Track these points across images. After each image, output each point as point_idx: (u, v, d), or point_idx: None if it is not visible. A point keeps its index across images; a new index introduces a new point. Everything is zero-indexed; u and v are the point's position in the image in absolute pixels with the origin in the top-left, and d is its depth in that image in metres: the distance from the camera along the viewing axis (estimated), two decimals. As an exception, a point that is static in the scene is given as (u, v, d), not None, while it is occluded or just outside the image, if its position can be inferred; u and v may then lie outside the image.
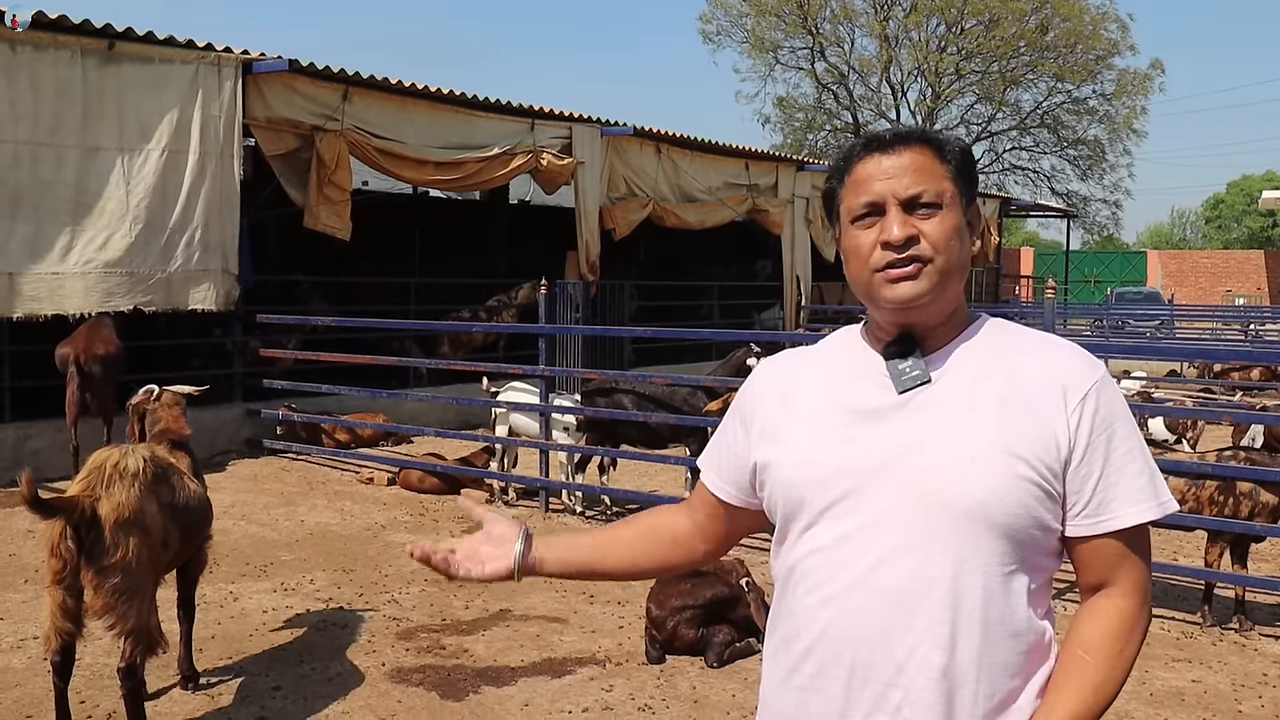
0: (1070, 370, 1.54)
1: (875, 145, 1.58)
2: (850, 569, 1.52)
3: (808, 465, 1.57)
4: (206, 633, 5.34)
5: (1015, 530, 1.49)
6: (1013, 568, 1.50)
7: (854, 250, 1.59)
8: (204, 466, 9.57)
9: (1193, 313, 26.13)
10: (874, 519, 1.52)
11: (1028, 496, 1.49)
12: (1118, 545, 1.53)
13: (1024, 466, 1.48)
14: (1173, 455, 6.35)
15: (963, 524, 1.48)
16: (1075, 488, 1.51)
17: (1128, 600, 1.54)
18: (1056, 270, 34.29)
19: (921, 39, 35.85)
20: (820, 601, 1.55)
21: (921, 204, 1.54)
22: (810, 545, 1.57)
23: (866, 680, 1.51)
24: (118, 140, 9.46)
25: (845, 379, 1.62)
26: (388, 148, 11.71)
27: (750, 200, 17.19)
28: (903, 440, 1.52)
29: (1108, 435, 1.51)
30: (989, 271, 25.55)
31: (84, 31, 9.18)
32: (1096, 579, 1.56)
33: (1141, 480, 1.52)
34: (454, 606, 5.85)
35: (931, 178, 1.55)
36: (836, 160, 1.66)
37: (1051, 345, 1.60)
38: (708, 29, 37.70)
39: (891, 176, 1.55)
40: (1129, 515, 1.51)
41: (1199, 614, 5.84)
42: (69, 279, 9.18)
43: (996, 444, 1.49)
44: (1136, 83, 36.12)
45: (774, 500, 1.64)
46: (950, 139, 1.61)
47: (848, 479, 1.54)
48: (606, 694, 4.69)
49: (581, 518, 8.06)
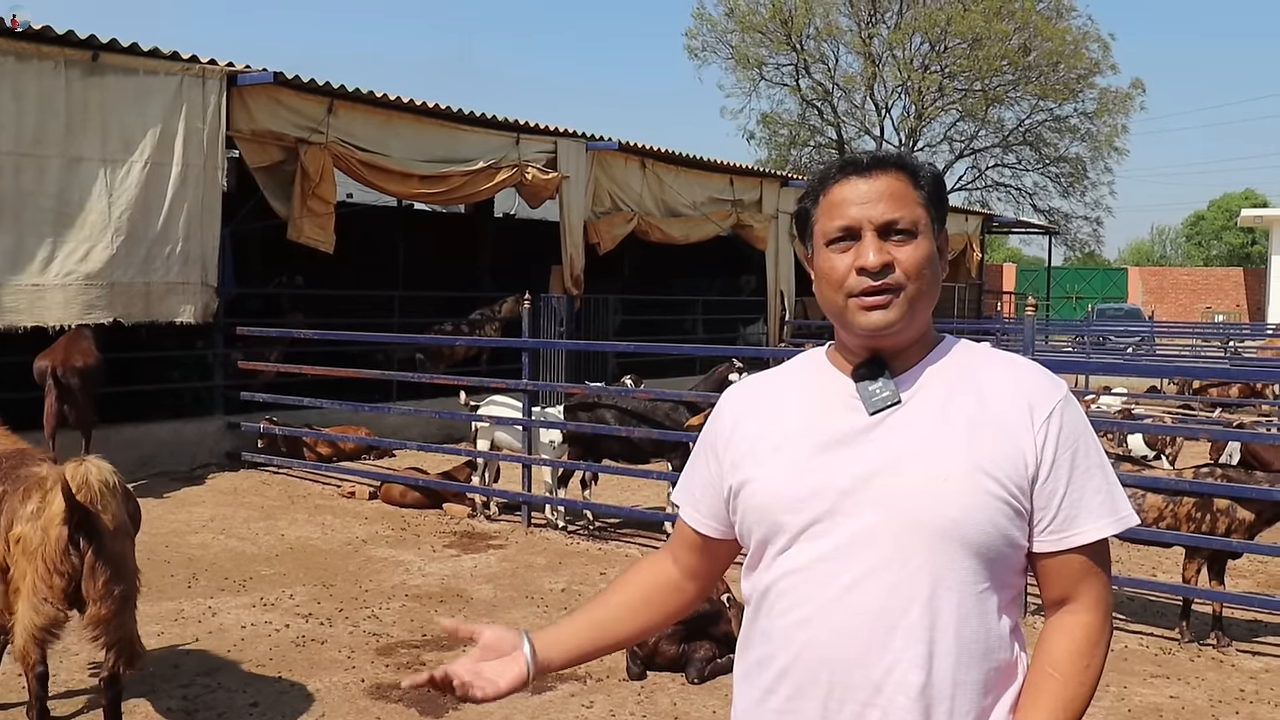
0: (1035, 389, 1.57)
1: (852, 168, 1.60)
2: (826, 589, 1.53)
3: (782, 489, 1.58)
4: (183, 648, 5.30)
5: (987, 548, 1.51)
6: (985, 585, 1.53)
7: (828, 273, 1.59)
8: (185, 480, 9.59)
9: (1173, 329, 26.32)
10: (850, 540, 1.53)
11: (998, 514, 1.51)
12: (1081, 560, 1.56)
13: (994, 484, 1.51)
14: (1151, 471, 6.38)
15: (938, 542, 1.50)
16: (1042, 504, 1.54)
17: (1091, 615, 1.57)
18: (1038, 286, 34.49)
19: (905, 57, 36.08)
20: (796, 622, 1.56)
21: (897, 230, 1.56)
22: (786, 567, 1.58)
23: (844, 701, 1.52)
24: (100, 151, 9.42)
25: (816, 402, 1.63)
26: (372, 160, 11.70)
27: (735, 215, 17.25)
28: (876, 461, 1.54)
29: (1071, 452, 1.54)
30: (971, 288, 25.68)
31: (68, 42, 9.15)
32: (1060, 594, 1.58)
33: (1101, 496, 1.56)
34: (434, 622, 5.82)
35: (906, 204, 1.57)
36: (811, 181, 1.67)
37: (1016, 365, 1.62)
38: (693, 45, 37.87)
39: (868, 201, 1.56)
40: (1092, 530, 1.55)
41: (1177, 630, 5.87)
42: (49, 290, 9.13)
43: (968, 462, 1.51)
44: (1118, 101, 36.47)
45: (748, 524, 1.64)
46: (923, 166, 1.63)
47: (822, 501, 1.55)
48: (587, 710, 4.68)
49: (564, 533, 8.04)
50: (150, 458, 9.81)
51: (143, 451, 9.76)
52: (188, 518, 8.18)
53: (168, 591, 6.27)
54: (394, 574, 6.78)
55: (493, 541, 7.74)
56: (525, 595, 6.39)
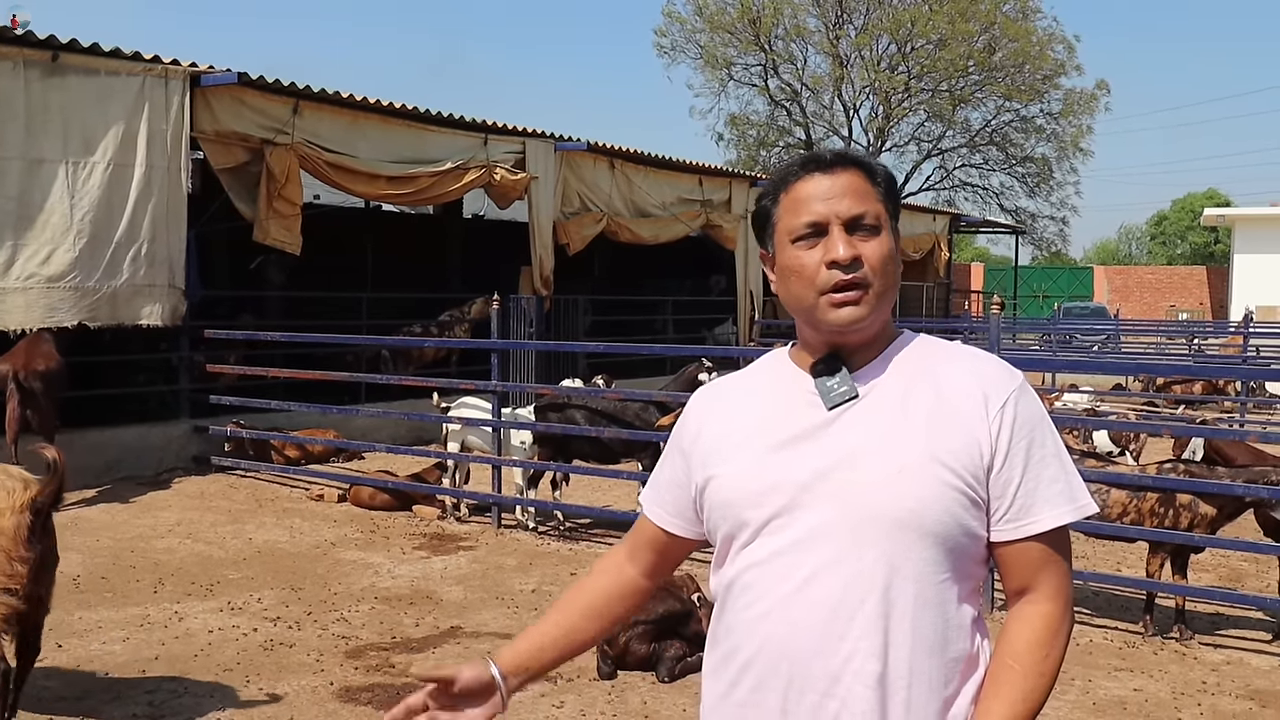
0: (991, 379, 1.59)
1: (814, 165, 1.61)
2: (785, 582, 1.55)
3: (743, 485, 1.61)
4: (150, 653, 5.25)
5: (944, 538, 1.53)
6: (944, 576, 1.55)
7: (796, 270, 1.60)
8: (150, 484, 9.49)
9: (1138, 327, 26.64)
10: (808, 533, 1.55)
11: (955, 505, 1.53)
12: (1040, 548, 1.58)
13: (950, 475, 1.53)
14: (1115, 468, 6.46)
15: (895, 534, 1.52)
16: (998, 493, 1.56)
17: (1051, 605, 1.59)
18: (1006, 285, 34.79)
19: (872, 58, 36.32)
20: (758, 616, 1.58)
21: (862, 225, 1.58)
22: (747, 561, 1.60)
23: (803, 692, 1.54)
24: (62, 153, 9.30)
25: (777, 399, 1.65)
26: (339, 161, 11.63)
27: (704, 216, 17.29)
28: (834, 455, 1.56)
29: (1027, 441, 1.56)
30: (939, 287, 25.87)
31: (27, 43, 9.03)
32: (1021, 584, 1.60)
33: (1059, 484, 1.57)
34: (404, 624, 5.81)
35: (868, 200, 1.60)
36: (771, 179, 1.68)
37: (972, 356, 1.65)
38: (662, 43, 37.94)
39: (833, 197, 1.58)
40: (1048, 518, 1.57)
41: (1141, 624, 5.95)
42: (10, 294, 9.01)
43: (924, 453, 1.53)
44: (1083, 102, 36.88)
45: (714, 520, 1.66)
46: (878, 164, 1.66)
47: (782, 495, 1.57)
48: (557, 710, 4.67)
49: (534, 534, 8.03)
50: (116, 462, 9.69)
51: (108, 456, 9.65)
52: (154, 522, 8.09)
53: (133, 597, 6.20)
54: (363, 576, 6.75)
55: (463, 543, 7.71)
56: (495, 596, 6.37)
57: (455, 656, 5.30)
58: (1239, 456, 8.58)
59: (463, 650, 5.40)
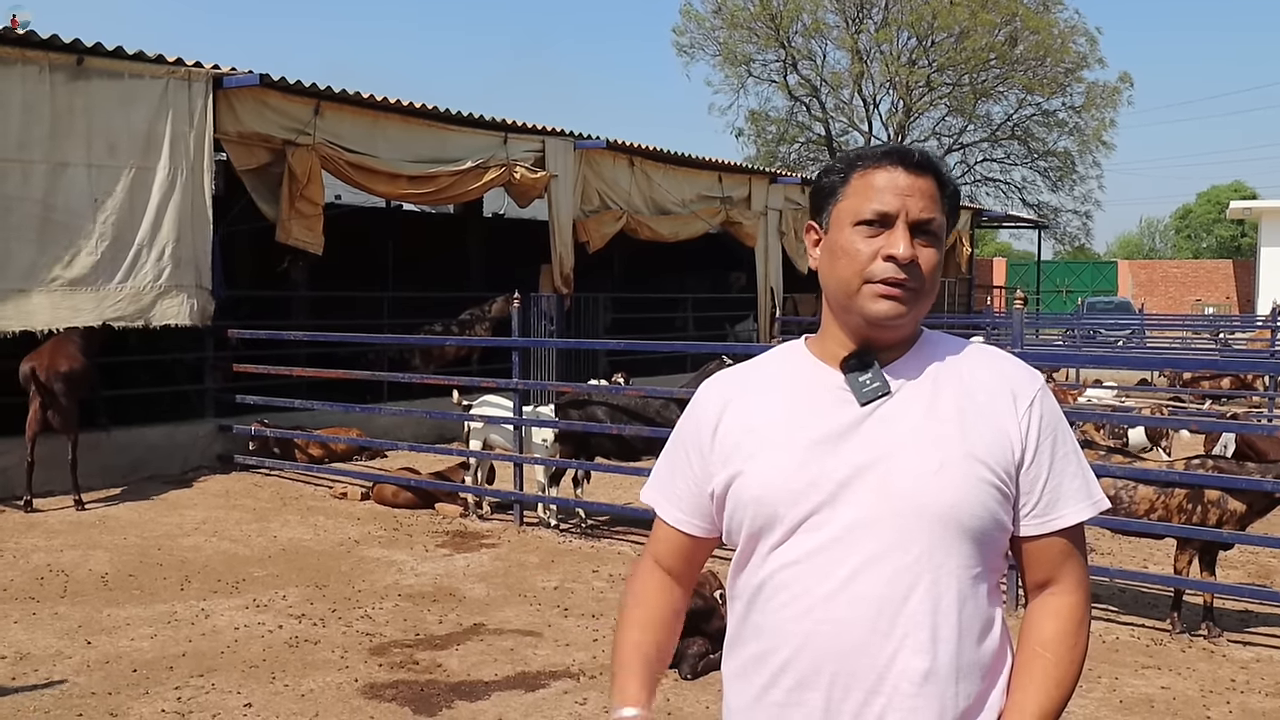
0: (1016, 378, 1.62)
1: (899, 158, 1.60)
2: (827, 580, 1.54)
3: (777, 481, 1.58)
4: (177, 650, 5.29)
5: (981, 532, 1.55)
6: (979, 569, 1.56)
7: (850, 253, 1.59)
8: (176, 483, 9.57)
9: (1163, 322, 26.41)
10: (848, 530, 1.54)
11: (990, 499, 1.55)
12: (1062, 543, 1.61)
13: (985, 470, 1.55)
14: (1143, 463, 6.40)
15: (937, 529, 1.52)
16: (1026, 489, 1.58)
17: (1074, 596, 1.62)
18: (1028, 281, 34.60)
19: (892, 52, 36.17)
20: (797, 614, 1.55)
21: (926, 230, 1.59)
22: (782, 560, 1.57)
23: (848, 690, 1.53)
24: (86, 156, 9.38)
25: (803, 394, 1.63)
26: (360, 162, 11.68)
27: (724, 213, 17.26)
28: (870, 452, 1.55)
29: (1052, 439, 1.60)
30: (961, 283, 25.74)
31: (52, 47, 9.11)
32: (1044, 577, 1.63)
33: (1079, 481, 1.61)
34: (428, 621, 5.83)
35: (938, 208, 1.61)
36: (848, 156, 1.65)
37: (994, 356, 1.67)
38: (681, 41, 37.92)
39: (910, 195, 1.58)
40: (1072, 514, 1.60)
41: (1168, 621, 5.90)
42: (35, 295, 9.10)
43: (960, 450, 1.54)
44: (1105, 95, 36.62)
45: (739, 519, 1.62)
46: (951, 178, 1.66)
47: (819, 492, 1.55)
48: (580, 707, 4.68)
49: (556, 531, 8.04)
50: (142, 461, 9.78)
51: (135, 455, 9.74)
52: (180, 520, 8.16)
53: (161, 594, 6.26)
54: (387, 574, 6.78)
55: (485, 541, 7.74)
56: (518, 594, 6.39)
57: (478, 653, 5.32)
58: (1273, 452, 8.50)
59: (486, 647, 5.41)
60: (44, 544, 7.38)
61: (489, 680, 4.97)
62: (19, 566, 6.80)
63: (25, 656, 5.17)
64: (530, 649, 5.41)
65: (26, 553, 7.14)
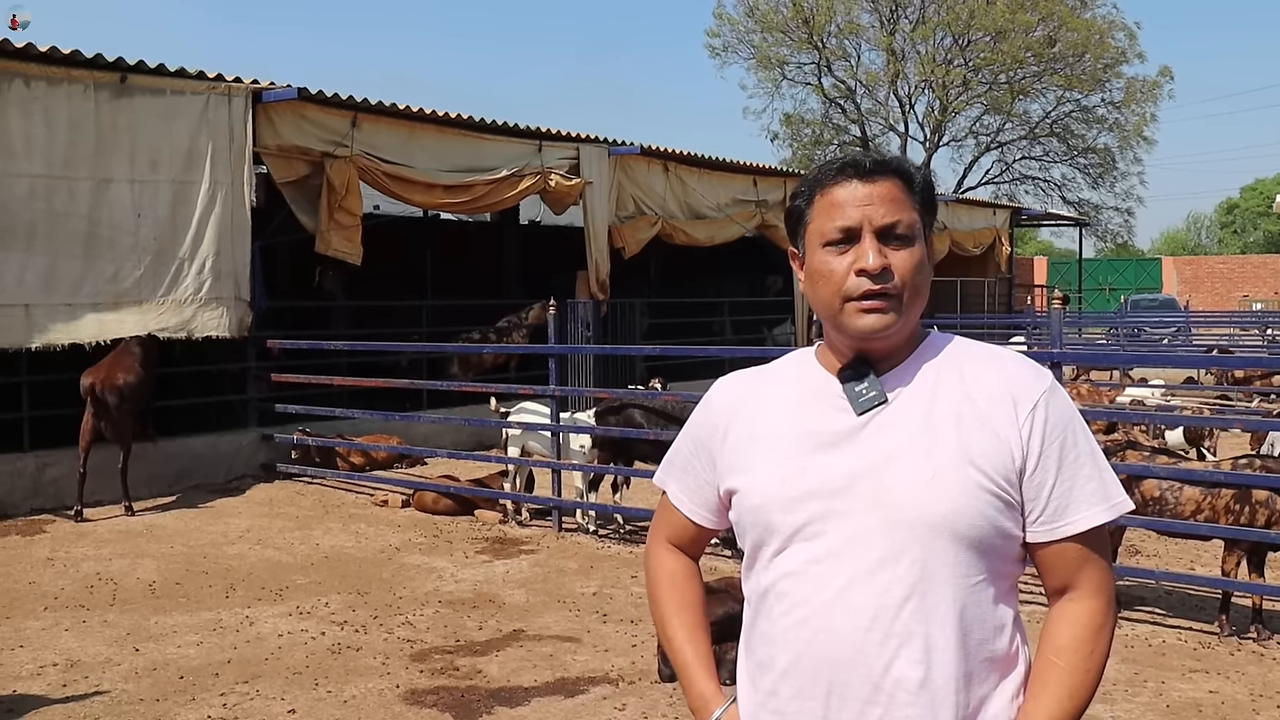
0: (1019, 382, 1.58)
1: (853, 170, 1.60)
2: (823, 590, 1.55)
3: (774, 492, 1.60)
4: (222, 657, 5.37)
5: (979, 541, 1.53)
6: (980, 577, 1.54)
7: (824, 275, 1.60)
8: (221, 492, 9.72)
9: (1209, 319, 25.99)
10: (843, 540, 1.55)
11: (988, 507, 1.53)
12: (1077, 548, 1.57)
13: (982, 478, 1.52)
14: (1188, 464, 6.30)
15: (929, 539, 1.52)
16: (1031, 495, 1.55)
17: (1093, 601, 1.58)
18: (1070, 279, 34.19)
19: (928, 52, 35.90)
20: (795, 623, 1.57)
21: (895, 235, 1.57)
22: (782, 569, 1.60)
23: (845, 699, 1.54)
24: (129, 171, 9.57)
25: (804, 404, 1.64)
26: (397, 172, 11.80)
27: (759, 216, 17.22)
28: (865, 461, 1.56)
29: (1060, 443, 1.56)
30: (1001, 282, 25.48)
31: (97, 65, 9.30)
32: (1061, 583, 1.60)
33: (1092, 484, 1.57)
34: (468, 628, 5.87)
35: (904, 209, 1.59)
36: (806, 179, 1.67)
37: (1000, 358, 1.63)
38: (714, 44, 37.90)
39: (869, 204, 1.57)
40: (1084, 519, 1.56)
41: (1216, 624, 5.80)
42: (81, 309, 9.28)
43: (955, 458, 1.53)
44: (1145, 90, 36.12)
45: (743, 526, 1.67)
46: (917, 170, 1.64)
47: (814, 503, 1.57)
48: (619, 713, 4.69)
49: (594, 537, 8.07)
50: (188, 471, 9.94)
51: (180, 465, 9.90)
52: (224, 529, 8.28)
53: (206, 601, 6.35)
54: (427, 581, 6.83)
55: (524, 547, 7.77)
56: (557, 600, 6.41)
57: (518, 659, 5.35)
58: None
59: (525, 653, 5.44)
60: (93, 553, 7.52)
61: (529, 686, 5.00)
62: (69, 575, 6.93)
63: (76, 664, 5.27)
64: (569, 655, 5.43)
65: (77, 561, 7.28)
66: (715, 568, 6.82)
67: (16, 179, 8.88)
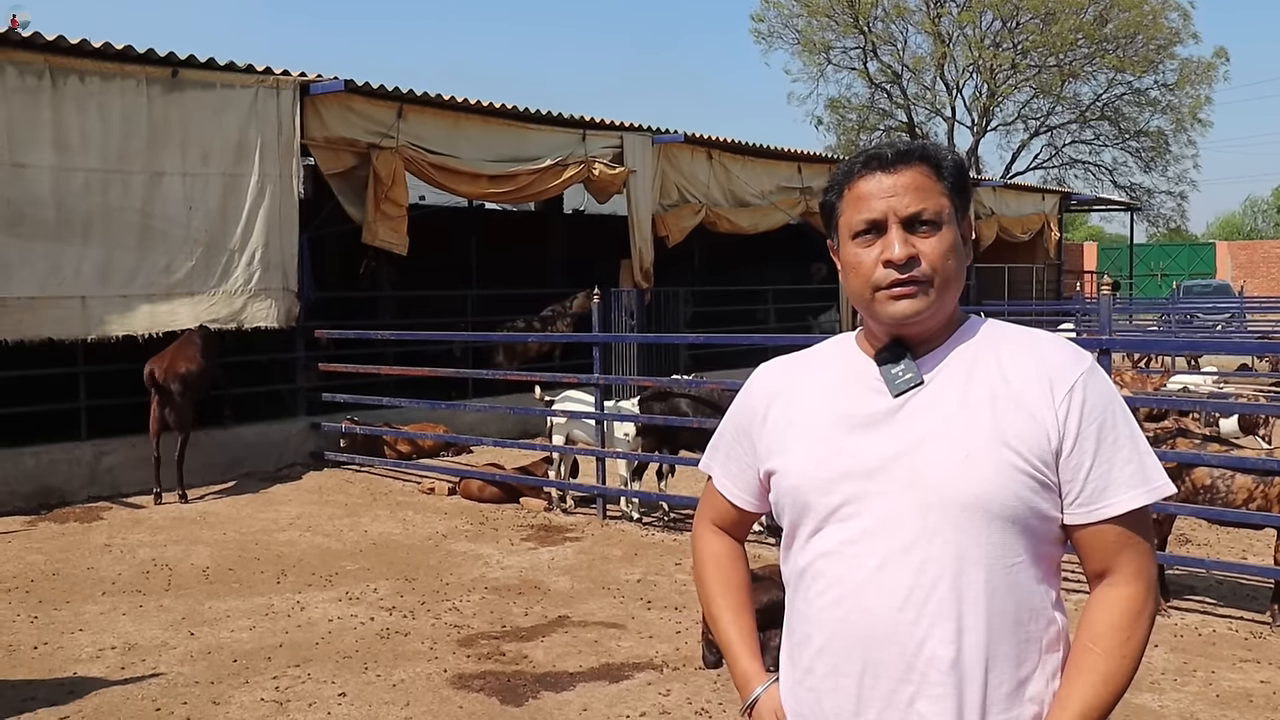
0: (1056, 364, 1.59)
1: (876, 162, 1.63)
2: (858, 570, 1.58)
3: (810, 472, 1.63)
4: (274, 641, 5.48)
5: (1014, 522, 1.54)
6: (1018, 559, 1.55)
7: (855, 266, 1.63)
8: (271, 479, 9.89)
9: (1265, 304, 25.43)
10: (878, 521, 1.57)
11: (1023, 488, 1.53)
12: (1117, 531, 1.57)
13: (1017, 458, 1.53)
14: (1240, 452, 6.19)
15: (962, 519, 1.53)
16: (1068, 477, 1.56)
17: (1131, 587, 1.58)
18: (1121, 265, 33.61)
19: (976, 35, 35.38)
20: (830, 603, 1.61)
21: (922, 222, 1.59)
22: (818, 549, 1.63)
23: (878, 677, 1.56)
24: (181, 164, 9.74)
25: (842, 386, 1.67)
26: (442, 163, 11.89)
27: (803, 203, 17.12)
28: (900, 443, 1.58)
29: (1098, 425, 1.55)
30: (1050, 268, 25.11)
31: (149, 60, 9.47)
32: (1100, 566, 1.60)
33: (1131, 466, 1.56)
34: (514, 614, 5.94)
35: (930, 196, 1.60)
36: (835, 174, 1.70)
37: (1038, 340, 1.64)
38: (759, 29, 37.65)
39: (893, 195, 1.60)
40: (1123, 501, 1.55)
41: (1269, 613, 5.72)
42: (134, 300, 9.48)
43: (990, 439, 1.54)
44: (1200, 72, 35.32)
45: (781, 507, 1.71)
46: (946, 155, 1.65)
47: (850, 484, 1.59)
48: (664, 698, 4.73)
49: (639, 524, 8.11)
50: (239, 459, 10.13)
51: (232, 454, 10.09)
52: (275, 516, 8.43)
53: (258, 587, 6.48)
54: (473, 567, 6.91)
55: (569, 534, 7.84)
56: (602, 586, 6.46)
57: (563, 645, 5.40)
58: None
59: (571, 639, 5.50)
60: (149, 539, 7.70)
61: (574, 671, 5.05)
62: (126, 561, 7.11)
63: (133, 647, 5.41)
64: (614, 641, 5.47)
65: (133, 548, 7.46)
66: (758, 555, 6.84)
67: (73, 173, 9.07)
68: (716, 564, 1.90)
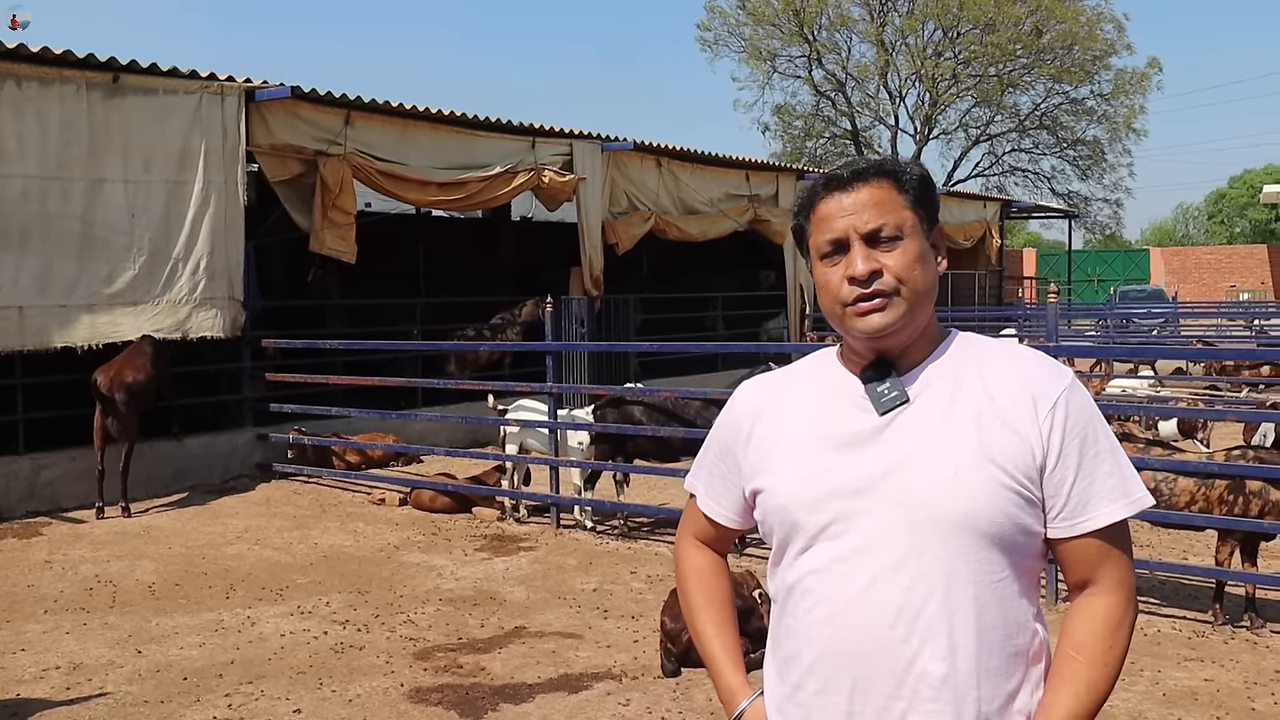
0: (1038, 380, 1.61)
1: (834, 184, 1.65)
2: (847, 588, 1.59)
3: (798, 492, 1.64)
4: (225, 657, 5.39)
5: (1000, 538, 1.56)
6: (1003, 574, 1.58)
7: (824, 285, 1.66)
8: (218, 492, 9.72)
9: (1197, 310, 26.10)
10: (866, 539, 1.58)
11: (1009, 505, 1.56)
12: (1098, 544, 1.61)
13: (1003, 475, 1.56)
14: (1182, 455, 6.35)
15: (951, 537, 1.55)
16: (1052, 492, 1.59)
17: (1112, 597, 1.61)
18: (1059, 271, 34.28)
19: (918, 45, 35.96)
20: (820, 620, 1.62)
21: (883, 237, 1.62)
22: (807, 567, 1.64)
23: (869, 694, 1.58)
24: (123, 171, 9.54)
25: (827, 404, 1.68)
26: (390, 170, 11.79)
27: (752, 210, 17.26)
28: (887, 461, 1.59)
29: (1080, 440, 1.59)
30: (991, 274, 25.54)
31: (89, 65, 9.27)
32: (1082, 577, 1.63)
33: (1112, 480, 1.60)
34: (469, 625, 5.90)
35: (891, 210, 1.63)
36: (801, 198, 1.73)
37: (1019, 356, 1.67)
38: (705, 37, 37.89)
39: (852, 213, 1.62)
40: (1104, 515, 1.59)
41: (1210, 613, 5.86)
42: (75, 310, 9.27)
43: (976, 456, 1.56)
44: (1134, 82, 36.22)
45: (769, 524, 1.72)
46: (907, 168, 1.68)
47: (838, 502, 1.61)
48: (623, 708, 4.72)
49: (593, 533, 8.10)
50: (184, 471, 9.94)
51: (177, 466, 9.90)
52: (222, 529, 8.28)
53: (207, 602, 6.37)
54: (427, 579, 6.85)
55: (523, 544, 7.80)
56: (557, 596, 6.44)
57: (521, 656, 5.38)
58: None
59: (528, 650, 5.47)
60: (91, 555, 7.52)
61: (532, 683, 5.03)
62: (68, 577, 6.94)
63: (78, 666, 5.28)
64: (572, 651, 5.46)
65: (75, 564, 7.28)
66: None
67: (9, 180, 8.85)
68: (699, 578, 1.91)
